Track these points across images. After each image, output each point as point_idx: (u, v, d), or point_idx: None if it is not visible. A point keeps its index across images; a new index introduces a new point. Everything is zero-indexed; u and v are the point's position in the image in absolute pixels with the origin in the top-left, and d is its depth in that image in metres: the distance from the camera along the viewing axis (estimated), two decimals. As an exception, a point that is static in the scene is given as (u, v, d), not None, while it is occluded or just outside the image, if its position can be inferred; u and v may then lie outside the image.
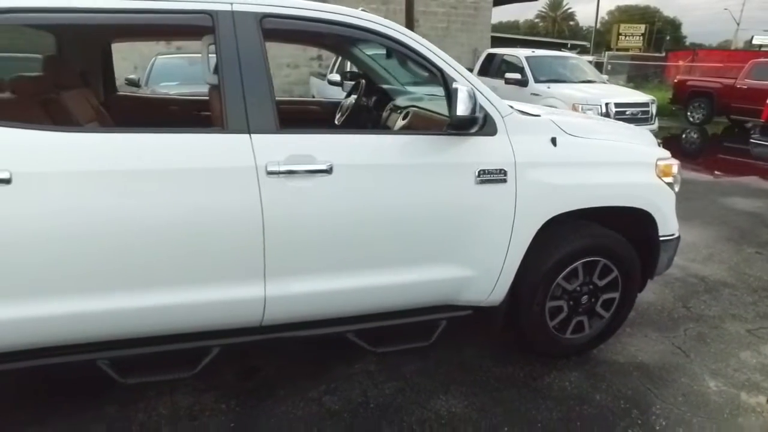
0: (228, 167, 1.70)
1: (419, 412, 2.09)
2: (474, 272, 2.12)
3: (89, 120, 2.46)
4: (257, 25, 1.76)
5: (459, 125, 1.84)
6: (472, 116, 1.81)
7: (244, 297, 1.83)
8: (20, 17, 1.61)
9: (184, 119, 2.94)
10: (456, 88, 1.78)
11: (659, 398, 2.21)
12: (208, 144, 1.72)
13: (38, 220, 1.57)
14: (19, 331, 1.68)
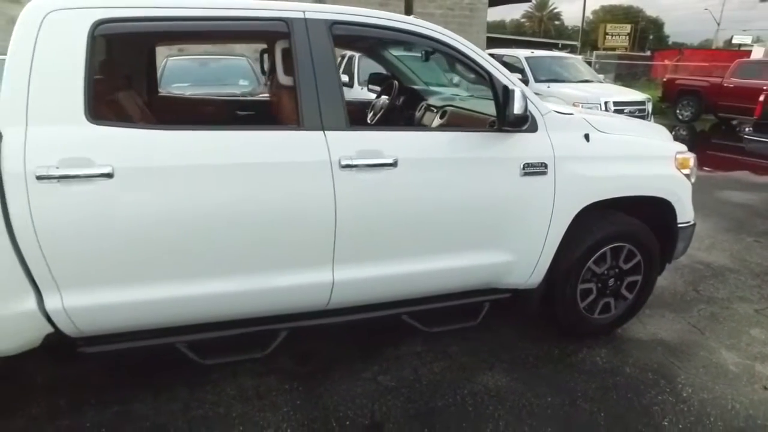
0: (305, 161, 1.86)
1: (469, 386, 2.28)
2: (516, 257, 2.31)
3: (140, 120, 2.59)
4: (328, 31, 1.93)
5: (515, 123, 2.03)
6: (525, 115, 2.01)
7: (314, 282, 2.00)
8: (120, 26, 1.75)
9: (224, 118, 3.08)
10: (512, 90, 1.97)
11: (682, 370, 2.43)
12: (287, 140, 1.88)
13: (137, 212, 1.72)
14: (118, 315, 1.83)
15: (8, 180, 1.59)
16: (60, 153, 1.64)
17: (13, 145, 1.61)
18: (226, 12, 1.85)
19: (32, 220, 1.62)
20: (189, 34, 2.33)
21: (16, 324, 1.76)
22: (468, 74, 2.43)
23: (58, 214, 1.65)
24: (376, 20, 2.01)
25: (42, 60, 1.65)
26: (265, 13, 1.88)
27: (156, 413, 2.07)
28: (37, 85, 1.64)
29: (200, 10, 1.82)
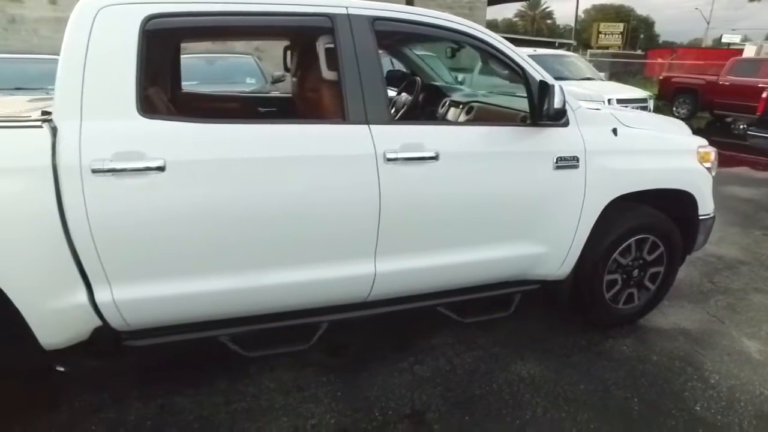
0: (352, 155, 1.89)
1: (503, 375, 2.33)
2: (548, 249, 2.36)
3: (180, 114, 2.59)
4: (370, 26, 1.96)
5: (554, 116, 2.08)
6: (564, 109, 2.06)
7: (357, 274, 2.04)
8: (169, 21, 1.77)
9: (248, 114, 3.09)
10: (553, 85, 2.02)
11: (707, 358, 2.50)
12: (333, 134, 1.91)
13: (188, 205, 1.73)
14: (166, 308, 1.85)
15: (64, 173, 1.61)
16: (114, 147, 1.65)
17: (68, 139, 1.62)
18: (271, 7, 1.87)
19: (86, 213, 1.64)
20: (234, 29, 2.35)
21: (67, 317, 1.77)
22: (502, 70, 2.47)
23: (112, 207, 1.66)
24: (418, 17, 2.04)
25: (95, 55, 1.66)
26: (309, 8, 1.91)
27: (199, 406, 2.09)
28: (91, 81, 1.65)
29: (246, 6, 1.84)
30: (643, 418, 2.07)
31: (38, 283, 1.68)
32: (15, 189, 1.59)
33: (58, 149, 1.61)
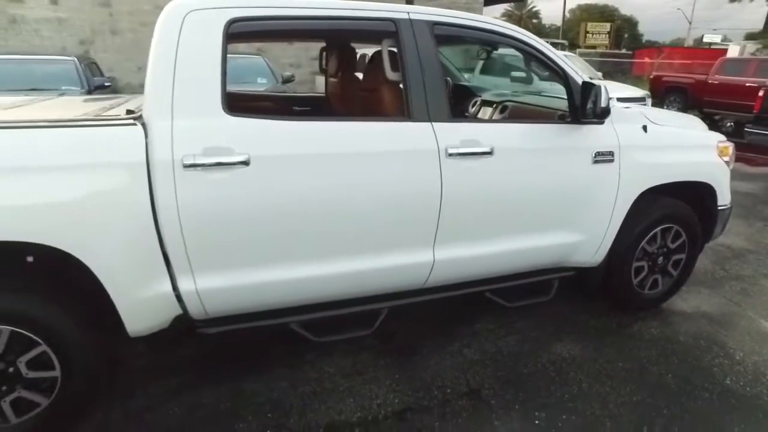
0: (416, 150, 2.03)
1: (546, 355, 2.49)
2: (585, 237, 2.53)
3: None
4: (430, 30, 2.09)
5: (602, 114, 2.24)
6: (609, 107, 2.22)
7: (417, 262, 2.17)
8: (249, 25, 1.88)
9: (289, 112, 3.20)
10: (599, 86, 2.18)
11: (729, 337, 2.69)
12: (399, 130, 2.04)
13: (269, 198, 1.85)
14: (244, 297, 1.96)
15: (156, 168, 1.71)
16: (203, 143, 1.76)
17: (160, 136, 1.72)
18: (341, 12, 2.00)
19: (177, 205, 1.74)
20: (307, 32, 2.47)
21: (153, 306, 1.87)
22: (542, 71, 2.62)
23: (200, 200, 1.77)
24: (473, 22, 2.19)
25: (184, 57, 1.77)
26: (375, 13, 2.04)
27: (268, 390, 2.21)
28: (180, 81, 1.76)
29: (318, 10, 1.96)
30: (681, 391, 2.25)
31: (130, 273, 1.79)
32: (112, 183, 1.69)
33: (151, 146, 1.71)
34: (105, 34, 9.24)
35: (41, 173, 1.61)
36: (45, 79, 5.80)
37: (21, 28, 8.70)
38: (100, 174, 1.67)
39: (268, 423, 2.02)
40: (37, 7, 8.71)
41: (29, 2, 8.64)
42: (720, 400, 2.20)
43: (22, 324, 1.73)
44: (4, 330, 1.72)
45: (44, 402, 1.85)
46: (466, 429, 2.00)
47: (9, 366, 1.77)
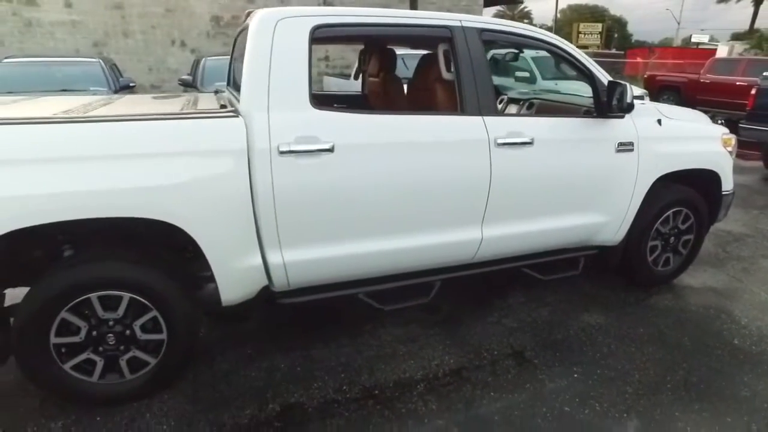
0: (471, 140, 2.33)
1: (576, 324, 2.80)
2: (608, 218, 2.84)
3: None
4: (479, 36, 2.39)
5: (627, 109, 2.56)
6: (632, 103, 2.54)
7: (468, 239, 2.47)
8: (328, 31, 2.17)
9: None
10: (626, 84, 2.50)
11: (735, 307, 3.03)
12: (457, 123, 2.34)
13: (349, 180, 2.13)
14: (324, 269, 2.25)
15: (255, 155, 1.99)
16: (295, 132, 2.04)
17: (259, 127, 2.00)
18: (406, 20, 2.30)
19: (272, 187, 2.02)
20: (374, 36, 2.75)
21: (244, 277, 2.15)
22: (570, 72, 2.93)
23: (292, 182, 2.05)
24: (515, 29, 2.50)
25: (277, 58, 2.04)
26: (434, 21, 2.34)
27: (335, 355, 2.49)
28: (275, 79, 2.04)
29: (387, 18, 2.26)
30: (696, 350, 2.57)
31: (229, 247, 2.06)
32: (219, 168, 1.96)
33: (251, 135, 1.99)
34: (117, 36, 9.44)
35: (160, 158, 1.88)
36: (74, 80, 6.02)
37: (36, 31, 8.87)
38: (208, 159, 1.95)
39: (343, 381, 2.30)
40: (51, 10, 8.89)
41: (44, 6, 8.82)
42: (730, 356, 2.53)
43: (139, 291, 2.00)
44: (125, 296, 1.99)
45: (152, 361, 2.12)
46: (517, 382, 2.30)
47: (126, 329, 2.04)
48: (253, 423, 2.04)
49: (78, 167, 1.77)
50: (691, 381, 2.33)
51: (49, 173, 1.74)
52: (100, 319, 1.99)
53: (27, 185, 1.71)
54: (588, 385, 2.29)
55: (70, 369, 2.01)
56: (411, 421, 2.05)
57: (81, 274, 1.93)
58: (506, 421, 2.06)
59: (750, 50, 20.52)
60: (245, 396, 2.20)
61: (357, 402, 2.16)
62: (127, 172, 1.83)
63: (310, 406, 2.14)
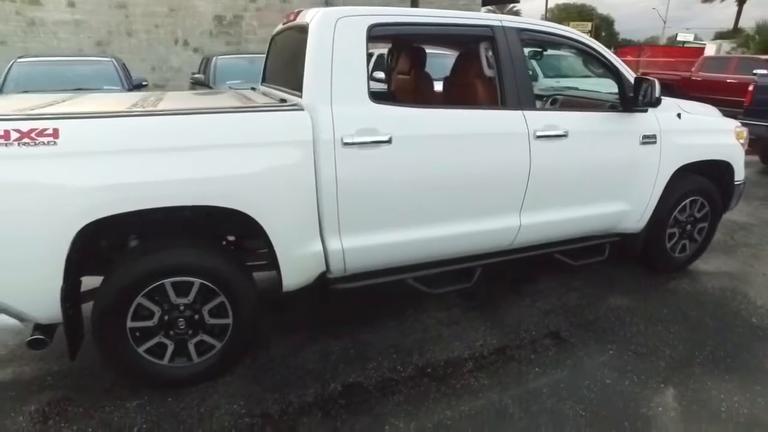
0: (513, 132, 2.48)
1: (604, 306, 2.97)
2: (632, 207, 3.01)
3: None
4: (518, 35, 2.54)
5: (655, 103, 2.73)
6: (660, 97, 2.71)
7: (508, 226, 2.62)
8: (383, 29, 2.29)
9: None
10: (653, 80, 2.66)
11: (750, 289, 3.22)
12: (499, 117, 2.48)
13: (406, 170, 2.27)
14: (378, 255, 2.38)
15: (321, 146, 2.11)
16: (356, 125, 2.16)
17: (324, 119, 2.12)
18: (450, 20, 2.45)
19: (336, 176, 2.15)
20: (422, 35, 2.89)
21: (306, 263, 2.27)
22: (598, 69, 3.10)
23: (354, 171, 2.17)
24: (550, 29, 2.67)
25: (338, 54, 2.17)
26: (477, 21, 2.49)
27: (383, 339, 2.62)
28: (337, 74, 2.16)
29: (434, 18, 2.41)
30: (718, 328, 2.75)
31: (294, 233, 2.18)
32: (287, 158, 2.08)
33: (316, 128, 2.11)
34: (121, 35, 9.43)
35: (235, 149, 2.00)
36: (88, 79, 6.05)
37: (39, 30, 8.84)
38: (278, 150, 2.07)
39: (396, 361, 2.44)
40: (55, 9, 8.86)
41: (47, 5, 8.78)
42: (750, 333, 2.71)
43: (209, 277, 2.11)
44: (196, 282, 2.10)
45: (218, 345, 2.23)
46: (558, 359, 2.46)
47: (195, 314, 2.15)
48: (319, 400, 2.16)
49: (163, 158, 1.89)
50: (719, 355, 2.50)
51: (139, 163, 1.85)
52: (172, 304, 2.10)
53: (122, 174, 1.83)
54: (623, 360, 2.46)
55: (143, 352, 2.12)
56: (466, 396, 2.20)
57: (158, 260, 2.03)
58: (554, 394, 2.21)
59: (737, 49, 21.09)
60: (305, 377, 2.31)
61: (412, 380, 2.30)
62: (206, 162, 1.94)
63: (369, 385, 2.26)
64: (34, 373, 2.34)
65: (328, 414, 2.08)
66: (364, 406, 2.13)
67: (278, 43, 3.06)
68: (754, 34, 23.25)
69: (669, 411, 2.13)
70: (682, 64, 14.73)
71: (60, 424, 2.01)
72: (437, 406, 2.13)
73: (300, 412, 2.09)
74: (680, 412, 2.12)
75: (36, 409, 2.10)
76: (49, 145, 1.76)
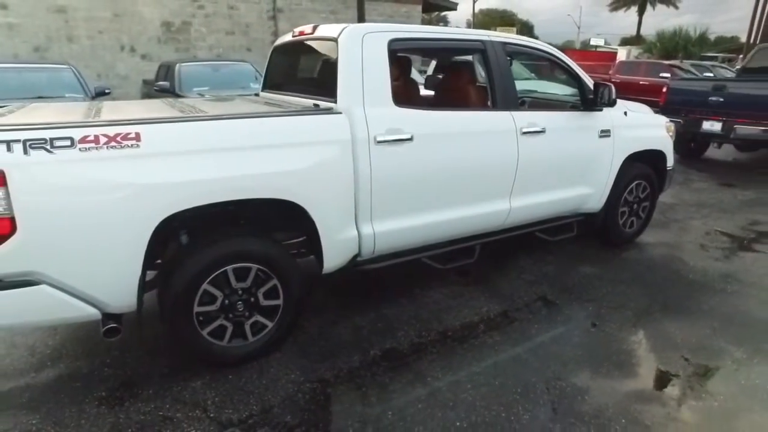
0: (505, 130, 2.96)
1: (576, 274, 3.55)
2: (593, 190, 3.63)
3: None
4: (504, 48, 3.04)
5: (612, 104, 3.33)
6: (616, 98, 3.32)
7: (501, 209, 3.10)
8: (399, 44, 2.67)
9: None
10: (610, 86, 3.26)
11: (683, 255, 3.96)
12: (493, 117, 2.95)
13: (425, 163, 2.67)
14: (402, 237, 2.75)
15: (357, 144, 2.45)
16: (385, 125, 2.53)
17: (359, 120, 2.47)
18: (453, 36, 2.91)
19: (370, 170, 2.50)
20: (431, 49, 3.30)
21: (343, 246, 2.60)
22: (561, 75, 3.68)
23: (384, 165, 2.53)
24: (528, 43, 3.20)
25: (367, 64, 2.52)
26: (472, 37, 2.95)
27: (404, 312, 2.99)
28: (367, 81, 2.51)
29: (441, 34, 2.86)
30: (666, 285, 3.42)
31: (335, 221, 2.50)
32: (330, 155, 2.40)
33: (353, 128, 2.45)
34: (61, 41, 8.99)
35: (289, 148, 2.29)
36: (49, 86, 5.85)
37: (-33, 34, 8.21)
38: (323, 148, 2.38)
39: (420, 328, 2.82)
40: (-14, 12, 8.29)
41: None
42: (689, 287, 3.40)
43: (264, 263, 2.38)
44: (253, 267, 2.36)
45: (270, 324, 2.50)
46: (550, 316, 2.97)
47: (251, 297, 2.41)
48: (364, 365, 2.50)
49: (232, 156, 2.15)
50: (670, 304, 3.14)
51: (210, 162, 2.10)
52: (233, 288, 2.35)
53: (196, 171, 2.07)
54: (601, 313, 3.02)
55: (206, 334, 2.34)
56: (486, 350, 2.63)
57: (226, 248, 2.28)
58: (557, 342, 2.71)
59: (644, 54, 23.79)
60: (346, 348, 2.64)
61: (438, 342, 2.70)
62: (267, 160, 2.23)
63: (404, 349, 2.63)
64: (88, 366, 2.46)
65: (376, 374, 2.42)
66: (404, 366, 2.49)
67: (287, 54, 3.34)
68: (656, 41, 26.30)
69: (641, 345, 2.70)
70: (599, 67, 16.39)
71: (137, 404, 2.20)
72: (464, 360, 2.55)
73: (351, 375, 2.41)
74: (650, 345, 2.70)
75: (106, 394, 2.26)
76: (133, 147, 1.97)
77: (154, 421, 2.10)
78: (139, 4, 9.51)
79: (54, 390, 2.29)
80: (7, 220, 1.84)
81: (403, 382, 2.37)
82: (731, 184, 6.43)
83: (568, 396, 2.28)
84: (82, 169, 1.90)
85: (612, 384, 2.37)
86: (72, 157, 1.88)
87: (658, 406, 2.22)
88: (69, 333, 2.74)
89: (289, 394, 2.28)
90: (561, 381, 2.38)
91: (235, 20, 10.70)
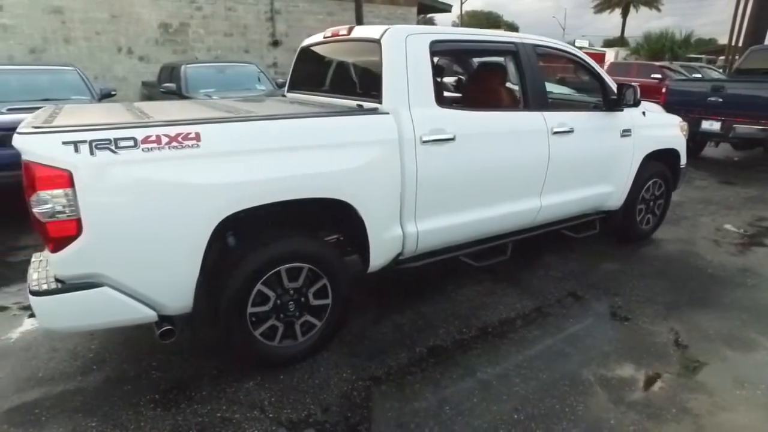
0: (535, 130, 3.02)
1: (600, 271, 3.63)
2: (615, 188, 3.71)
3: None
4: (534, 50, 3.10)
5: (634, 105, 3.42)
6: (639, 99, 3.41)
7: (532, 206, 3.16)
8: (441, 45, 2.72)
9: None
10: (634, 86, 3.35)
11: (699, 249, 4.08)
12: (526, 117, 3.01)
13: (467, 162, 2.71)
14: (443, 235, 2.79)
15: (404, 143, 2.48)
16: (429, 125, 2.57)
17: (405, 121, 2.50)
18: (489, 38, 2.96)
19: (416, 169, 2.53)
20: (469, 50, 3.36)
21: (389, 245, 2.62)
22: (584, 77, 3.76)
23: (429, 164, 2.57)
24: (556, 45, 3.27)
25: (412, 65, 2.55)
26: (506, 39, 3.02)
27: (441, 310, 3.03)
28: (412, 82, 2.54)
29: (477, 36, 2.89)
30: (689, 279, 3.52)
31: (382, 220, 2.53)
32: (380, 155, 2.43)
33: (400, 128, 2.48)
34: (58, 43, 8.83)
35: (339, 148, 2.32)
36: (55, 89, 5.74)
37: (-40, 34, 8.02)
38: (372, 148, 2.41)
39: (460, 324, 2.87)
40: (-22, 12, 8.10)
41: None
42: (710, 280, 3.51)
43: (315, 263, 2.40)
44: (305, 267, 2.38)
45: (318, 324, 2.51)
46: (582, 310, 3.05)
47: (301, 297, 2.42)
48: (413, 361, 2.53)
49: (288, 156, 2.16)
50: (695, 297, 3.24)
51: (268, 161, 2.11)
52: (285, 289, 2.36)
53: (255, 171, 2.08)
54: (631, 307, 3.10)
55: (258, 335, 2.35)
56: (526, 343, 2.69)
57: (280, 249, 2.29)
58: (590, 335, 2.78)
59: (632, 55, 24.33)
60: (392, 346, 2.66)
61: (479, 338, 2.74)
62: (321, 159, 2.25)
63: (448, 346, 2.67)
64: (135, 369, 2.45)
65: (426, 370, 2.46)
66: (451, 362, 2.53)
67: (317, 55, 3.36)
68: (643, 42, 26.87)
69: (677, 337, 2.78)
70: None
71: (192, 406, 2.19)
72: (508, 354, 2.60)
73: (402, 373, 2.44)
74: (684, 337, 2.78)
75: (160, 397, 2.25)
76: (193, 147, 1.97)
77: (214, 423, 2.10)
78: (137, 6, 9.40)
79: (105, 393, 2.28)
80: (74, 222, 1.83)
81: (454, 377, 2.41)
82: (731, 182, 6.62)
83: (616, 387, 2.34)
84: (145, 170, 1.90)
85: (654, 374, 2.44)
86: (135, 157, 1.88)
87: (705, 395, 2.30)
88: (108, 337, 2.72)
89: (344, 393, 2.30)
90: (606, 372, 2.44)
91: (233, 22, 10.64)
